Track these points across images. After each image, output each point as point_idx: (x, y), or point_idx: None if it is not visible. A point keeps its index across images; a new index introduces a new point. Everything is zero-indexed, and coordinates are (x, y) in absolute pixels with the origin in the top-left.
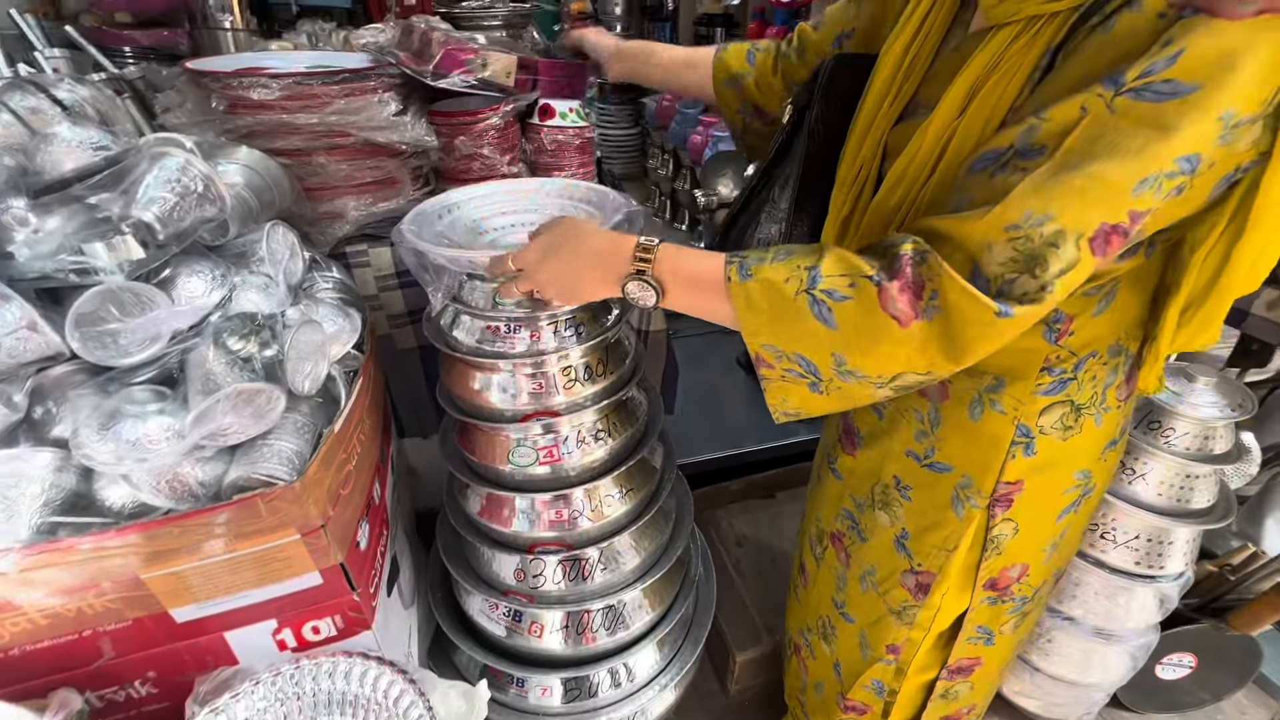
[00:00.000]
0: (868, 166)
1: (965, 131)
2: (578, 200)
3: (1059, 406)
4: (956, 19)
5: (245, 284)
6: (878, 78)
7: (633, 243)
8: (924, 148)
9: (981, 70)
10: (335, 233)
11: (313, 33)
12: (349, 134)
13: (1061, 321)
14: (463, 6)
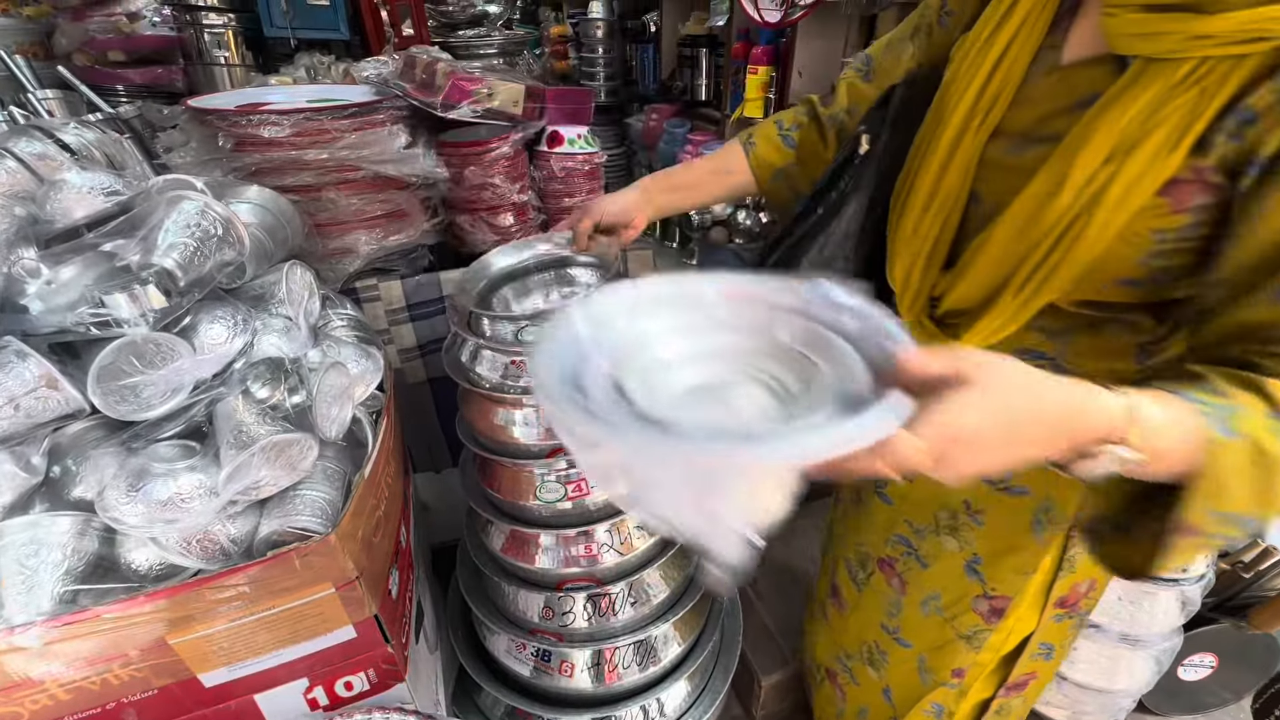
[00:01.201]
0: (955, 192)
1: (1126, 188)
2: (812, 321)
3: None
4: (1044, 42)
5: (266, 327)
6: (960, 102)
7: (1102, 403)
8: (1063, 197)
9: (1135, 122)
10: (346, 268)
11: (311, 66)
12: (359, 168)
13: (1155, 342)
14: (458, 35)
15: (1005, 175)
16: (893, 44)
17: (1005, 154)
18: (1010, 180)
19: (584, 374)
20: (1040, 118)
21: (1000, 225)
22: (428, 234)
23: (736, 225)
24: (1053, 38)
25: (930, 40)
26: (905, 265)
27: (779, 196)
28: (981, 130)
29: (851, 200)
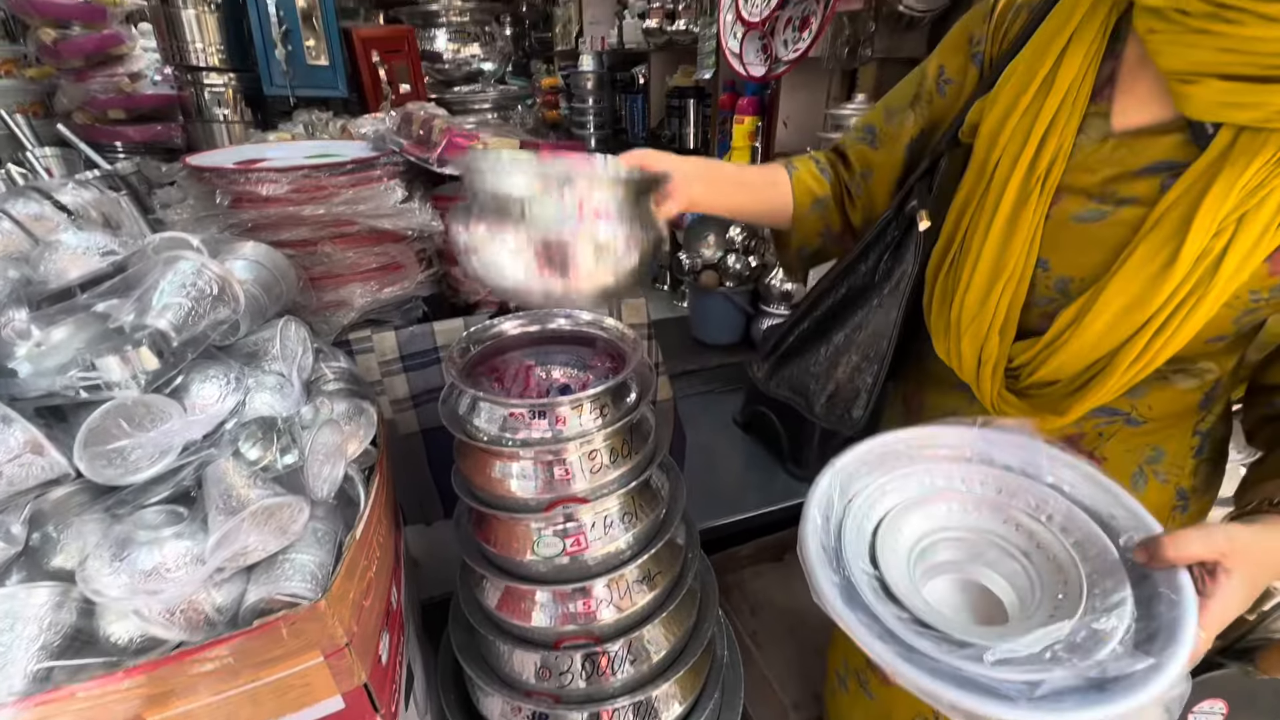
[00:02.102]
0: (1024, 262)
1: (1241, 260)
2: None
3: (1206, 463)
4: (1088, 109)
5: (259, 385)
6: (1013, 173)
7: None
8: (1177, 271)
9: (1242, 195)
10: (340, 321)
11: (309, 122)
12: (355, 222)
13: (1218, 389)
14: (454, 92)
15: (1076, 242)
16: (893, 112)
17: (1072, 221)
18: (1084, 248)
19: (844, 560)
20: (1103, 182)
21: (1105, 300)
22: (422, 285)
23: (727, 269)
24: (1096, 105)
25: (931, 107)
26: (975, 341)
27: (807, 228)
28: (1042, 200)
29: (898, 276)
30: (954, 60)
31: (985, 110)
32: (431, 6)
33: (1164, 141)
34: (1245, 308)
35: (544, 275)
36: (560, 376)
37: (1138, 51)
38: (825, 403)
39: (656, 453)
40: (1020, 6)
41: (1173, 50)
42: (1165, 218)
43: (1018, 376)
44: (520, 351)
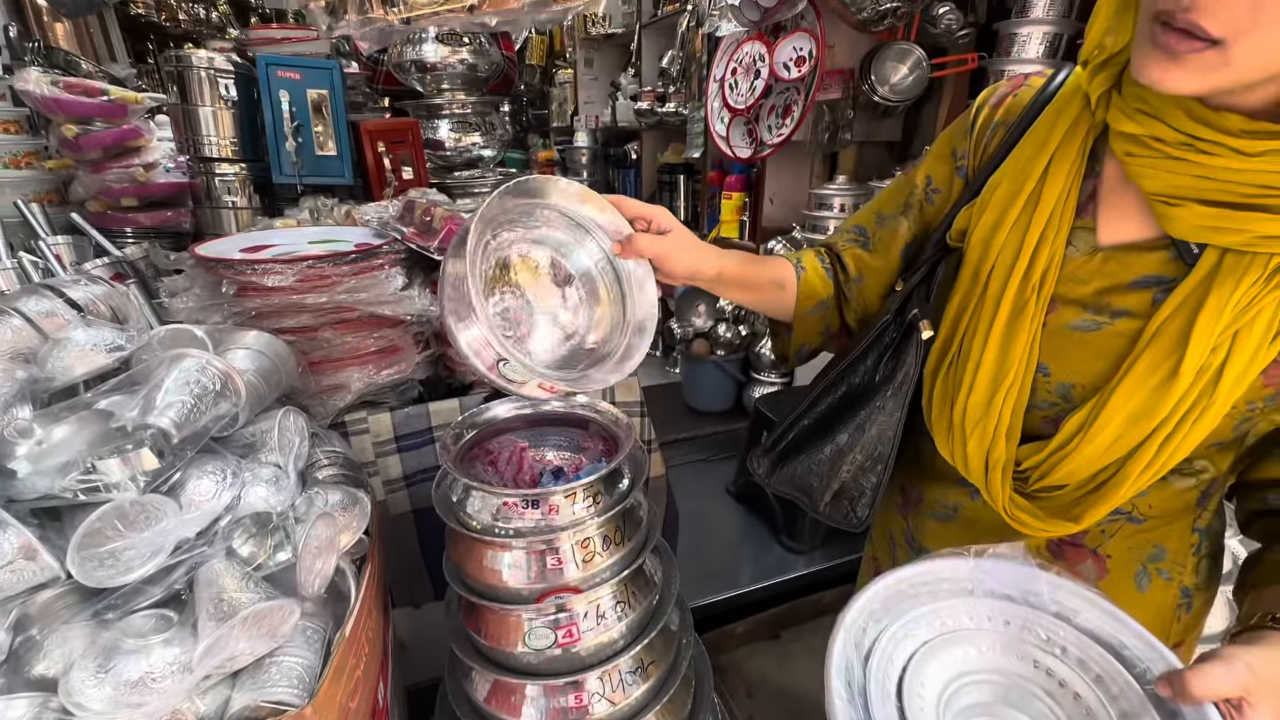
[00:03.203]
0: (1025, 367)
1: (1240, 373)
2: None
3: (1206, 559)
4: (1074, 224)
5: (255, 478)
6: (1009, 282)
7: None
8: (1180, 383)
9: (1235, 311)
10: (337, 404)
11: (315, 208)
12: (356, 309)
13: (1213, 487)
14: (454, 177)
15: (1075, 350)
16: (884, 218)
17: (1068, 330)
18: (1083, 357)
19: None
20: (1096, 294)
21: (1110, 410)
22: (419, 367)
23: (718, 338)
24: (1081, 220)
25: (922, 214)
26: (982, 443)
27: (808, 328)
28: (1039, 309)
29: (900, 379)
30: (940, 171)
31: (974, 218)
32: (436, 100)
33: (1151, 257)
34: (1243, 416)
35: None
36: (554, 459)
37: (1117, 171)
38: (830, 501)
39: (649, 538)
40: (997, 124)
41: (1152, 174)
42: (1163, 331)
43: (1026, 479)
44: (514, 434)
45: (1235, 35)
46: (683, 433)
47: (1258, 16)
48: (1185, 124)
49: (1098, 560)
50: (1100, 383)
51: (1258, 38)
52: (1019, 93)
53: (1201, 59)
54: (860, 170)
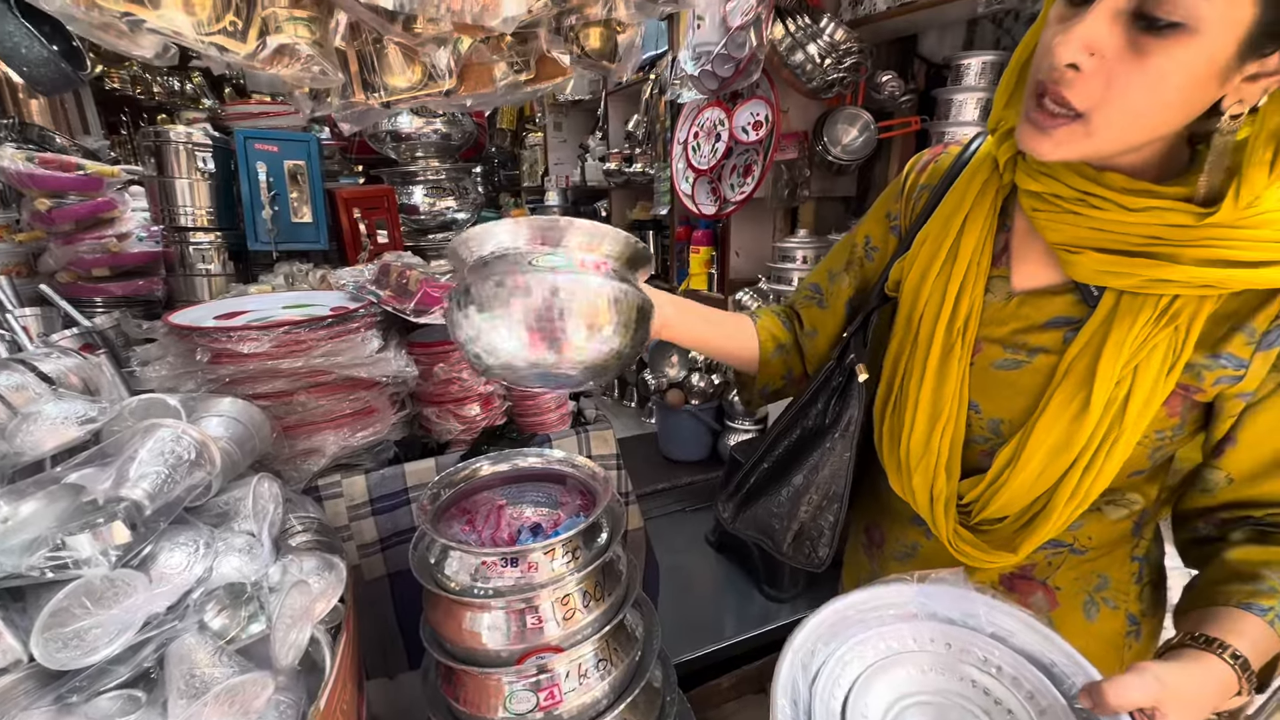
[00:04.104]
0: (958, 405)
1: (1142, 405)
2: None
3: (1149, 586)
4: (991, 273)
5: (228, 547)
6: (937, 327)
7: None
8: (1091, 416)
9: (1132, 349)
10: (311, 469)
11: (290, 274)
12: (332, 372)
13: (1146, 516)
14: (428, 239)
15: (1000, 388)
16: (833, 274)
17: (993, 369)
18: (1008, 393)
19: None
20: (1013, 334)
21: (1034, 443)
22: (395, 428)
23: (691, 388)
24: (997, 269)
25: (863, 270)
26: (925, 478)
27: (772, 371)
28: (965, 350)
29: (846, 420)
30: (877, 230)
31: (905, 270)
32: (410, 167)
33: (1059, 300)
34: (1155, 445)
35: (538, 345)
36: (532, 515)
37: (1025, 225)
38: (792, 542)
39: (630, 592)
40: (923, 187)
41: (1055, 227)
42: (1073, 369)
43: (969, 513)
44: (491, 491)
45: (1093, 108)
46: (660, 483)
47: (1109, 92)
48: (1077, 182)
49: (1048, 592)
50: (1024, 417)
51: (1112, 110)
52: (940, 159)
53: (1069, 130)
54: (819, 224)
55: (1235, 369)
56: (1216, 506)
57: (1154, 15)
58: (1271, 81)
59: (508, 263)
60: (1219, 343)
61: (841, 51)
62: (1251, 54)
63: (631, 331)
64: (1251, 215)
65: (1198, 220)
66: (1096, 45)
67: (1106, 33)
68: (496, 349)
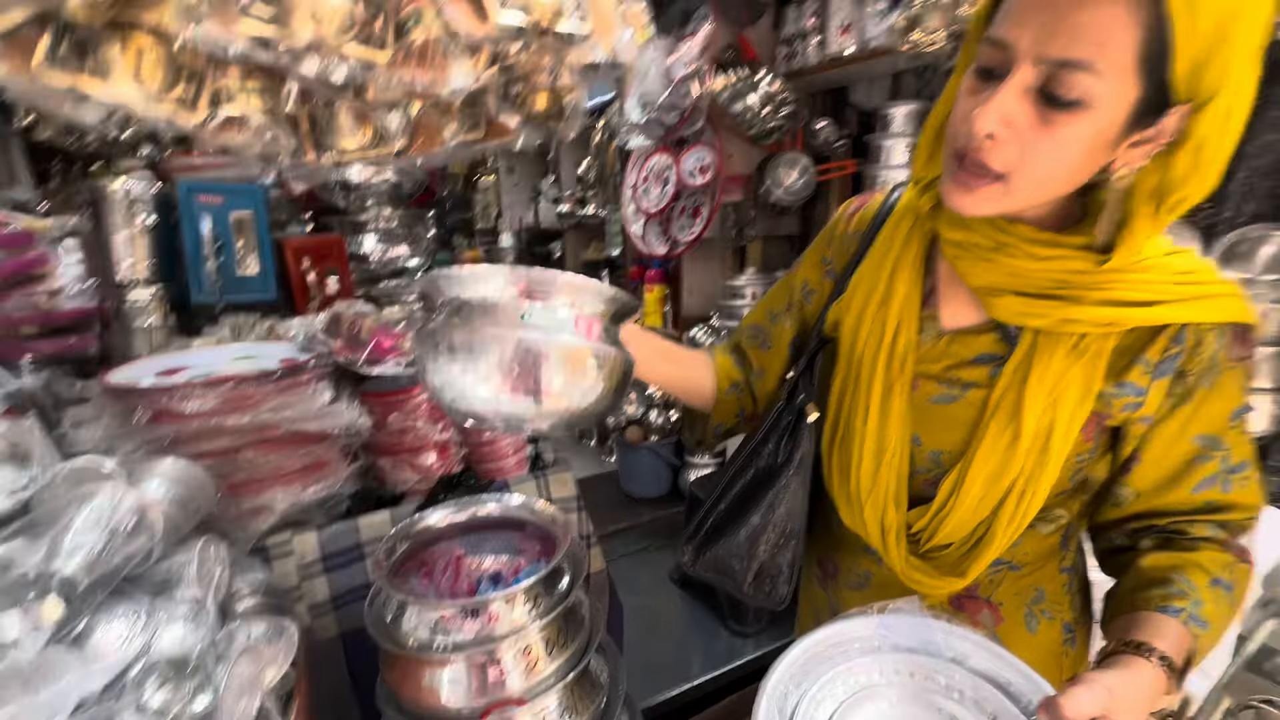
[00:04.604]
0: (902, 439)
1: (1065, 432)
2: None
3: (1079, 594)
4: (921, 314)
5: (170, 616)
6: (876, 364)
7: (1160, 669)
8: (1023, 444)
9: (1051, 382)
10: (259, 527)
11: (236, 325)
12: (280, 427)
13: (1070, 529)
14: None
15: (938, 422)
16: (775, 315)
17: (930, 403)
18: (947, 424)
19: None
20: (946, 369)
21: (973, 472)
22: (348, 481)
23: (650, 424)
24: (927, 310)
25: (802, 312)
26: (876, 510)
27: (727, 409)
28: (904, 387)
29: (798, 458)
30: (813, 275)
31: (843, 312)
32: (361, 216)
33: (984, 339)
34: (1075, 467)
35: (517, 395)
36: (492, 564)
37: (948, 269)
38: (752, 581)
39: (593, 637)
40: (852, 234)
41: (974, 272)
42: (1002, 402)
43: (918, 541)
44: (449, 542)
45: (1011, 171)
46: (622, 522)
47: (1023, 157)
48: (991, 233)
49: (992, 609)
50: (962, 448)
51: (1026, 173)
52: (866, 207)
53: (989, 190)
54: (766, 261)
55: (1137, 396)
56: (1126, 518)
57: (1057, 94)
58: (1152, 147)
59: (492, 314)
60: (1121, 373)
61: (778, 102)
62: (1136, 126)
63: (612, 394)
64: (1139, 261)
65: (1096, 266)
66: (1010, 118)
67: (1018, 107)
68: (469, 399)
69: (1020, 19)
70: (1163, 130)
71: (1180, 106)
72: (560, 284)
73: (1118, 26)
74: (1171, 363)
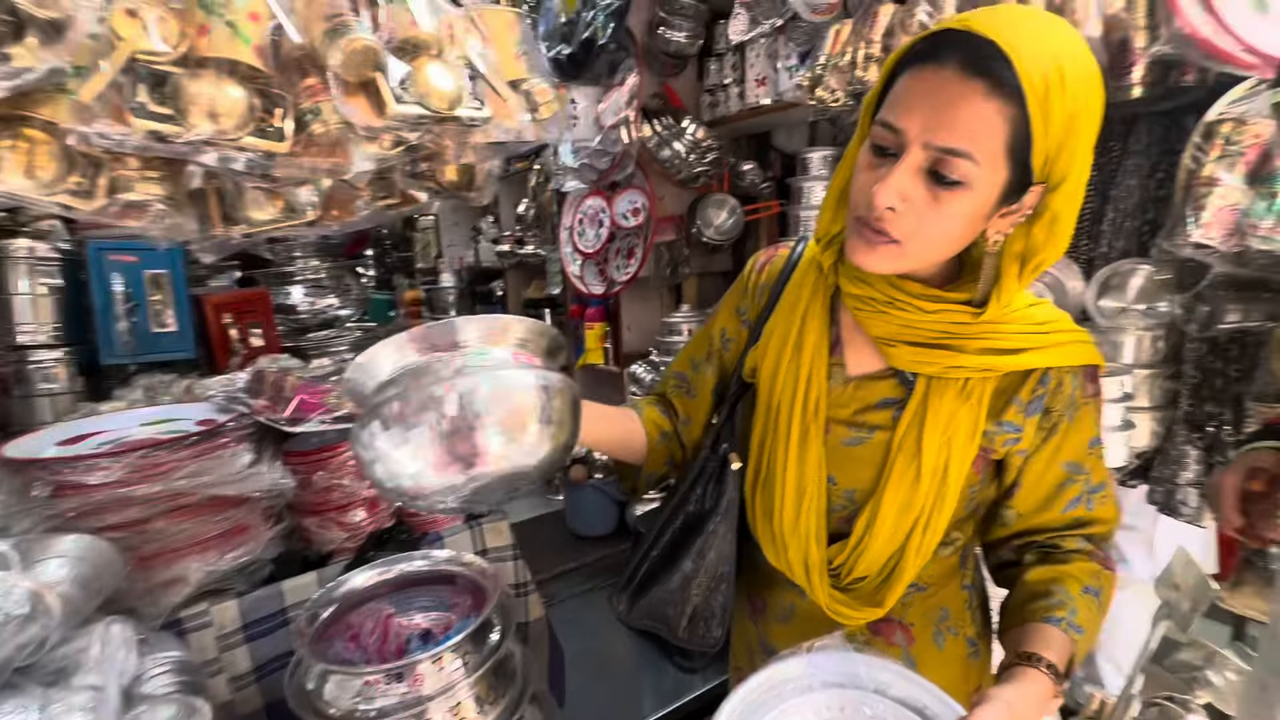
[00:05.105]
0: (820, 479)
1: (959, 468)
2: None
3: (979, 610)
4: (829, 361)
5: (67, 708)
6: (793, 409)
7: (1047, 677)
8: (924, 481)
9: (945, 422)
10: (172, 600)
11: (150, 387)
12: (196, 494)
13: (968, 550)
14: (309, 339)
15: (849, 462)
16: (697, 364)
17: (842, 445)
18: (857, 465)
19: None
20: (854, 413)
21: (884, 508)
22: (271, 545)
23: (594, 462)
24: (834, 358)
25: (721, 361)
26: (799, 550)
27: (658, 458)
28: (818, 431)
29: (725, 504)
30: (730, 324)
31: (759, 359)
32: (288, 267)
33: (884, 384)
34: (967, 498)
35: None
36: (422, 621)
37: (851, 320)
38: (687, 625)
39: (526, 689)
40: (763, 286)
41: (873, 323)
42: (904, 443)
43: (839, 576)
44: (377, 601)
45: (907, 237)
46: (570, 562)
47: (918, 227)
48: (885, 289)
49: (905, 630)
50: (872, 486)
51: (920, 239)
52: (774, 260)
53: (888, 250)
54: (702, 298)
55: (1014, 432)
56: (1011, 536)
57: (943, 174)
58: (1017, 218)
59: (411, 375)
60: (1000, 413)
61: (704, 148)
62: (1005, 201)
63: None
64: (1009, 313)
65: (974, 318)
66: (906, 194)
67: (911, 184)
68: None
69: (909, 109)
70: (1025, 205)
71: (1037, 186)
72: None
73: (989, 123)
74: (1040, 402)
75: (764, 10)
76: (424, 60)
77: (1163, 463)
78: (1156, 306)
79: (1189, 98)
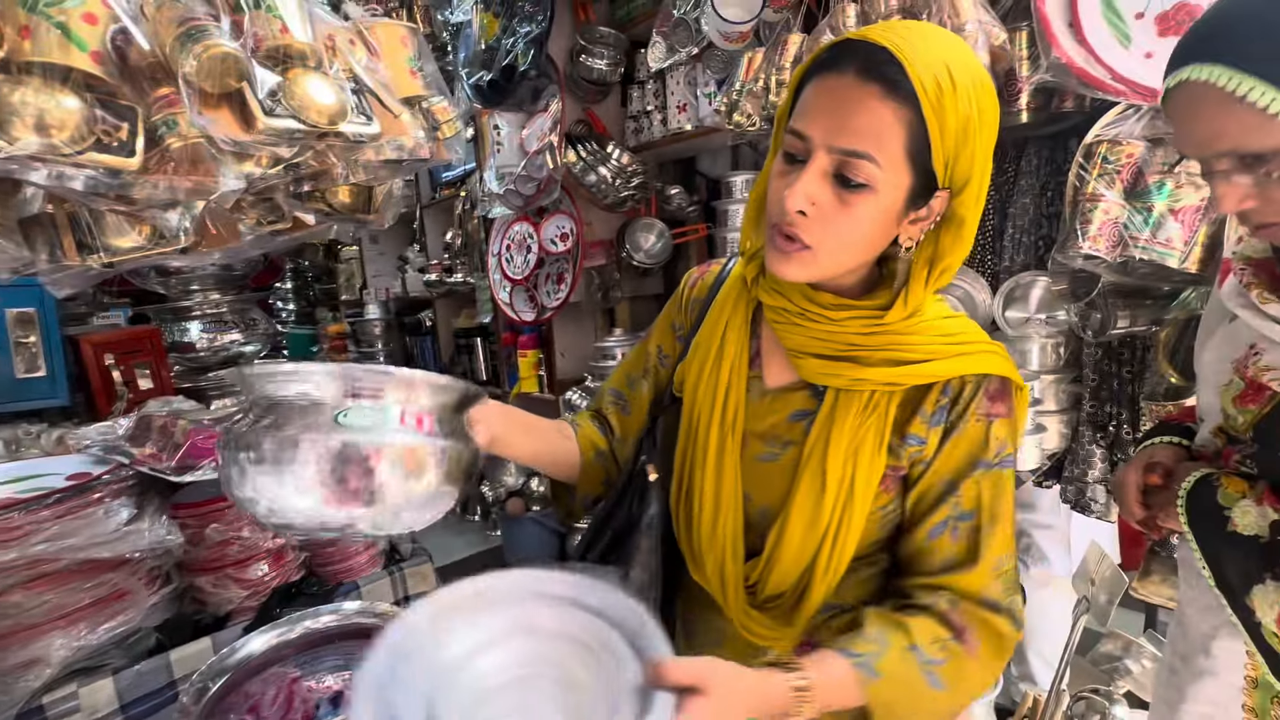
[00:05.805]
0: (735, 494)
1: (865, 482)
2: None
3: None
4: (749, 374)
5: None
6: (710, 423)
7: (786, 684)
8: (829, 494)
9: (850, 434)
10: (30, 685)
11: (15, 439)
12: (60, 559)
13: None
14: (209, 378)
15: (765, 477)
16: (633, 380)
17: (757, 461)
18: (771, 480)
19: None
20: (770, 427)
21: (791, 523)
22: (155, 611)
23: (531, 493)
24: (753, 371)
25: (657, 377)
26: (716, 564)
27: (592, 476)
28: (735, 445)
29: (648, 518)
30: (666, 340)
31: (685, 372)
32: (183, 303)
33: (797, 396)
34: (879, 518)
35: (345, 503)
36: (333, 683)
37: (770, 332)
38: None
39: None
40: (694, 300)
41: (786, 334)
42: (811, 456)
43: (755, 593)
44: (280, 665)
45: (818, 242)
46: None
47: (827, 230)
48: (799, 299)
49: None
50: (782, 501)
51: (830, 243)
52: (706, 275)
53: (802, 257)
54: (635, 322)
55: (919, 445)
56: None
57: (848, 177)
58: (925, 224)
59: (306, 415)
60: (905, 425)
61: (630, 173)
62: (912, 206)
63: (450, 490)
64: (915, 323)
65: (879, 322)
66: (815, 197)
67: (819, 189)
68: (285, 512)
69: (814, 116)
70: (934, 211)
71: (943, 192)
72: (389, 380)
73: (887, 127)
74: (943, 413)
75: (680, 39)
76: (299, 71)
77: (1072, 462)
78: (1056, 315)
79: (1070, 121)
